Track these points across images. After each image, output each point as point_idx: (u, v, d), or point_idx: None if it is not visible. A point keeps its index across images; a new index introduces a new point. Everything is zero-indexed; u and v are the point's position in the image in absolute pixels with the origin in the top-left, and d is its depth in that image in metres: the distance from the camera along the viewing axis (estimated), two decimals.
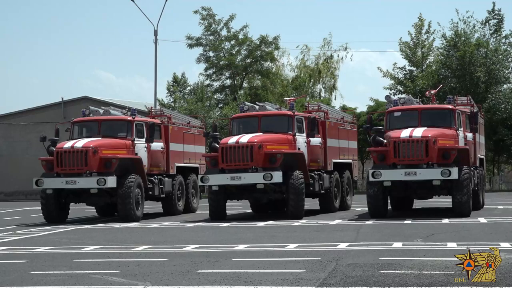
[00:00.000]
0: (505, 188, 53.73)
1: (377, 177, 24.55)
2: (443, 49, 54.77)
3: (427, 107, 27.64)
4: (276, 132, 26.80)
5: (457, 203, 24.58)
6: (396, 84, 56.54)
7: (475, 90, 51.07)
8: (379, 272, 12.34)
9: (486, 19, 54.84)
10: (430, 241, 17.16)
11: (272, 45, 63.84)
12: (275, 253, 15.66)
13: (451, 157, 24.53)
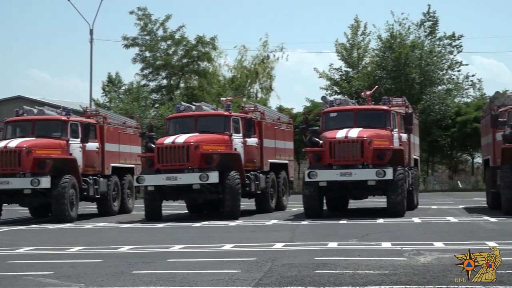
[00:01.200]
0: (438, 188, 54.43)
1: (313, 178, 24.65)
2: (379, 50, 55.29)
3: (362, 108, 27.90)
4: (213, 132, 26.75)
5: (391, 203, 24.81)
6: (332, 85, 56.93)
7: (410, 91, 51.64)
8: (314, 272, 12.38)
9: (421, 21, 55.52)
10: (365, 241, 17.28)
11: (209, 46, 63.74)
12: (211, 254, 15.61)
13: (386, 157, 24.77)
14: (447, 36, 55.68)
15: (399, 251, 15.06)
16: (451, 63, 55.88)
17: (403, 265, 12.97)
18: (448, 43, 55.71)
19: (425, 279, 11.43)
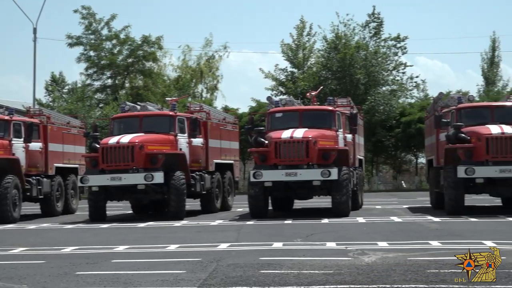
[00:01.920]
0: (383, 188, 54.86)
1: (258, 178, 24.67)
2: (324, 51, 55.55)
3: (307, 109, 28.01)
4: (158, 132, 26.62)
5: (336, 203, 24.95)
6: (278, 85, 57.07)
7: (355, 91, 51.97)
8: (259, 272, 12.37)
9: (366, 22, 55.92)
10: (310, 241, 17.33)
11: (154, 45, 63.39)
12: (155, 254, 15.52)
13: (331, 157, 24.89)
14: (392, 37, 56.17)
15: (343, 251, 15.13)
16: (395, 64, 56.37)
17: (348, 264, 13.03)
18: (393, 44, 56.21)
19: (369, 279, 11.49)
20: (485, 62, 68.25)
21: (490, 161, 24.15)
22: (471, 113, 26.18)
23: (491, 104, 27.99)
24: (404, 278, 11.50)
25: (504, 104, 27.16)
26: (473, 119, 25.71)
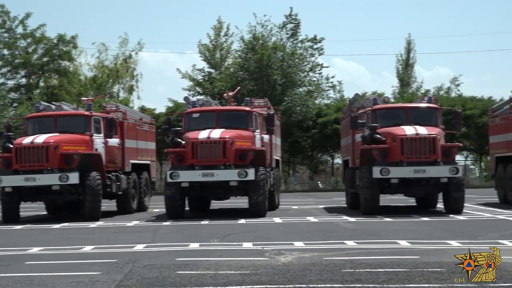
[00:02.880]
0: (299, 188, 55.18)
1: (175, 178, 24.57)
2: (242, 52, 55.62)
3: (225, 109, 28.02)
4: (73, 132, 26.28)
5: (253, 204, 25.00)
6: (195, 86, 56.91)
7: (272, 92, 52.16)
8: (175, 273, 12.31)
9: (284, 23, 56.15)
10: (227, 242, 17.32)
11: (70, 44, 62.54)
12: (70, 256, 15.31)
13: (248, 158, 24.93)
14: (309, 38, 56.52)
15: (260, 251, 15.16)
16: (312, 65, 56.75)
17: (264, 265, 13.06)
18: (309, 46, 56.56)
19: (286, 279, 11.53)
20: (400, 64, 69.29)
21: (405, 161, 24.51)
22: (386, 114, 26.54)
23: (406, 106, 28.41)
24: (320, 277, 11.58)
25: (418, 105, 27.61)
26: (388, 120, 26.07)
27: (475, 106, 53.54)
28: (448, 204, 25.22)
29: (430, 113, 26.60)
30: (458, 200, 24.87)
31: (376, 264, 12.85)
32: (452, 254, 14.03)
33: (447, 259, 13.30)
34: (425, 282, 11.01)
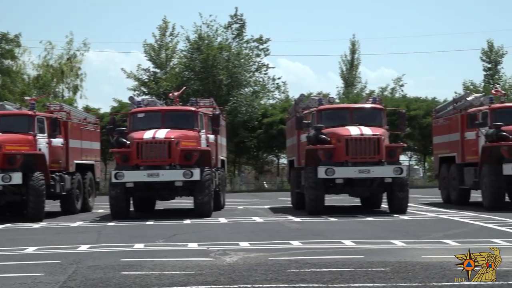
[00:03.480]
0: (245, 188, 55.19)
1: (119, 178, 24.42)
2: (187, 51, 55.47)
3: (170, 109, 27.94)
4: (16, 132, 25.95)
5: (198, 204, 24.96)
6: (140, 86, 56.60)
7: (218, 92, 52.09)
8: (120, 273, 12.22)
9: (229, 23, 56.12)
10: (172, 242, 17.26)
11: (13, 43, 61.77)
12: (13, 257, 15.11)
13: (194, 158, 24.88)
14: (255, 39, 56.56)
15: (205, 252, 15.13)
16: (258, 66, 56.80)
17: (209, 265, 13.03)
18: (255, 46, 56.61)
19: (231, 279, 11.52)
20: (344, 64, 69.71)
21: (349, 162, 24.67)
22: (331, 114, 26.69)
23: (351, 106, 28.59)
24: (265, 277, 11.58)
25: (363, 106, 27.81)
26: (333, 120, 26.22)
27: (419, 107, 54.08)
28: (392, 204, 25.43)
29: (374, 114, 26.80)
30: (402, 200, 25.11)
31: (321, 264, 12.90)
32: (396, 253, 14.18)
33: (391, 258, 13.41)
34: (370, 282, 11.08)
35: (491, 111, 26.93)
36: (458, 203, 29.23)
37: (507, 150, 25.48)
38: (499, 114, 26.80)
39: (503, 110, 27.20)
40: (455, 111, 30.24)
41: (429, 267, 12.31)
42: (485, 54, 64.18)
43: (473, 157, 27.81)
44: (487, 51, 64.08)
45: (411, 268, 12.19)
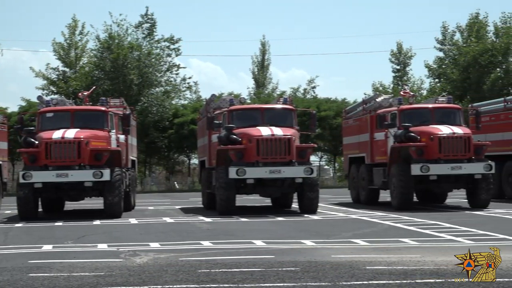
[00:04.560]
0: (156, 189, 54.92)
1: (28, 179, 24.00)
2: (97, 51, 54.87)
3: (79, 109, 27.61)
4: None
5: (108, 204, 24.71)
6: (49, 85, 55.76)
7: (128, 92, 51.67)
8: (27, 275, 12.00)
9: (140, 23, 55.69)
10: (81, 243, 17.04)
11: None
12: None
13: (104, 158, 24.61)
14: (165, 38, 56.29)
15: (115, 253, 14.98)
16: (169, 66, 56.54)
17: (119, 266, 12.91)
18: (166, 46, 56.33)
19: (141, 280, 11.44)
20: (255, 65, 69.94)
21: (260, 162, 24.77)
22: (242, 115, 26.75)
23: (262, 107, 28.67)
24: (176, 278, 11.54)
25: (274, 106, 27.94)
26: (244, 121, 26.27)
27: (330, 108, 54.64)
28: (302, 204, 25.63)
29: (285, 114, 26.96)
30: (313, 200, 25.32)
31: (232, 264, 12.90)
32: (306, 253, 14.29)
33: (302, 258, 13.50)
34: (280, 282, 11.13)
35: (400, 112, 27.39)
36: (367, 203, 29.64)
37: (415, 150, 25.95)
38: (407, 115, 27.29)
39: (412, 111, 27.70)
40: (364, 112, 30.64)
41: (339, 266, 12.43)
42: (394, 55, 65.25)
43: (382, 157, 28.25)
44: (396, 53, 65.16)
45: (321, 268, 12.29)
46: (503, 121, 31.24)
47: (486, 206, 26.14)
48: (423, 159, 25.81)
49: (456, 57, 58.15)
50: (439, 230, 18.56)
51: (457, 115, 27.68)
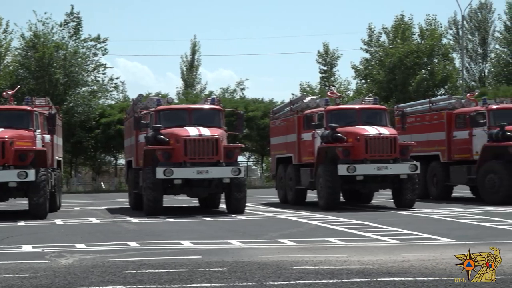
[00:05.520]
0: (82, 189, 54.32)
1: None
2: (22, 49, 54.07)
3: (4, 108, 27.35)
4: None
5: (33, 205, 24.37)
6: None
7: (54, 92, 51.01)
8: None
9: (65, 21, 55.03)
10: (5, 244, 16.75)
11: None
12: None
13: (28, 158, 24.26)
14: (92, 38, 55.75)
15: (40, 254, 14.77)
16: (95, 65, 56.03)
17: (44, 267, 12.73)
18: (93, 45, 55.79)
19: (66, 281, 11.30)
20: (185, 65, 69.81)
21: (188, 162, 24.70)
22: (170, 115, 26.64)
23: (189, 107, 28.58)
24: (102, 279, 11.42)
25: (201, 106, 27.89)
26: (172, 121, 26.17)
27: (257, 108, 54.79)
28: (230, 204, 25.64)
29: (213, 115, 26.93)
30: (240, 200, 25.35)
31: (159, 264, 12.83)
32: (233, 253, 14.29)
33: (229, 258, 13.49)
34: (207, 282, 11.10)
35: (327, 112, 27.59)
36: (294, 203, 29.78)
37: (342, 151, 26.16)
38: (334, 115, 27.51)
39: (338, 112, 27.93)
40: (291, 113, 30.80)
41: (266, 266, 12.46)
42: (321, 56, 65.79)
43: (309, 157, 28.42)
44: (323, 54, 65.71)
45: (248, 268, 12.30)
46: (428, 121, 31.77)
47: (412, 206, 26.48)
48: (350, 160, 26.04)
49: (382, 58, 58.85)
50: (365, 230, 18.74)
51: (383, 116, 28.00)
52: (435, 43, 57.38)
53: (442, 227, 19.31)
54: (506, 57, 63.82)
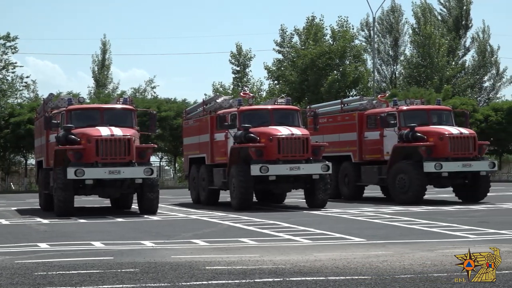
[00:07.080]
0: None
1: None
2: None
3: None
4: None
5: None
6: None
7: None
8: None
9: None
10: None
11: None
12: None
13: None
14: (1, 36, 54.76)
15: None
16: (5, 64, 55.03)
17: None
18: (2, 44, 54.79)
19: None
20: (96, 64, 69.12)
21: (100, 162, 24.47)
22: (81, 115, 26.35)
23: (101, 106, 28.26)
24: (11, 281, 11.22)
25: (114, 106, 27.63)
26: (84, 121, 25.92)
27: (170, 108, 54.56)
28: (142, 205, 25.49)
29: (125, 114, 26.73)
30: (153, 201, 25.24)
31: (70, 266, 12.66)
32: (146, 254, 14.21)
33: (141, 259, 13.40)
34: (119, 283, 11.00)
35: (240, 113, 27.65)
36: (207, 204, 29.77)
37: (255, 151, 26.26)
38: (247, 116, 27.60)
39: (251, 112, 28.04)
40: (204, 113, 30.77)
41: (179, 267, 12.41)
42: (234, 57, 65.93)
43: (222, 158, 28.45)
44: (236, 54, 65.85)
45: (161, 268, 12.23)
46: (340, 122, 32.15)
47: (324, 206, 26.75)
48: (263, 160, 26.15)
49: (294, 59, 59.30)
50: (278, 230, 18.84)
51: (295, 117, 28.20)
52: (346, 45, 58.07)
53: (354, 227, 19.55)
54: (416, 59, 65.08)
